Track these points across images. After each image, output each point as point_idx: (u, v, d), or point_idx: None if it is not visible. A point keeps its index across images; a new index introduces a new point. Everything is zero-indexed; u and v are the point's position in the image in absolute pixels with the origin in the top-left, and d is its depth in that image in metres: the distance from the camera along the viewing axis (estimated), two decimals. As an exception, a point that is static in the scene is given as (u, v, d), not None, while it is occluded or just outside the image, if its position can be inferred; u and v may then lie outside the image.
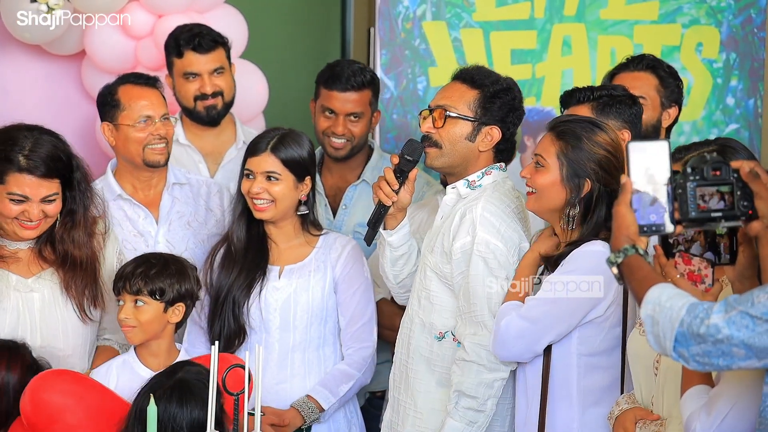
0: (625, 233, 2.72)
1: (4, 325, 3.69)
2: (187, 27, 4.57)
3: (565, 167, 3.39)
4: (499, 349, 3.45)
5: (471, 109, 3.63)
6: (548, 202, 3.43)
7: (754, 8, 5.12)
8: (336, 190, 4.55)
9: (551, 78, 5.10)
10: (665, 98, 4.12)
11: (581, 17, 5.10)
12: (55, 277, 3.75)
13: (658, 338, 2.57)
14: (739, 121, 5.14)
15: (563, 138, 3.41)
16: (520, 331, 3.40)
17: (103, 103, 4.15)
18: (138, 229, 4.17)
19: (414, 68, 5.11)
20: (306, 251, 4.02)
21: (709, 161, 2.71)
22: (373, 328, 4.05)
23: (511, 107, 3.66)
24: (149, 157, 4.09)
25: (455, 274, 3.57)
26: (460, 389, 3.51)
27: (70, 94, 5.10)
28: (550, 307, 3.39)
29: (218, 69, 4.50)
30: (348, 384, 3.98)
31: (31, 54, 5.01)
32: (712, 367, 2.52)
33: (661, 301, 2.56)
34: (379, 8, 5.10)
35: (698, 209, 2.69)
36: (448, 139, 3.63)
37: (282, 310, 3.96)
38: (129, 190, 4.18)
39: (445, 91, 3.69)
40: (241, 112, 5.03)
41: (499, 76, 3.70)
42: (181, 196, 4.24)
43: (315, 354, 4.01)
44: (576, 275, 3.36)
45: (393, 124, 5.14)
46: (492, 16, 5.10)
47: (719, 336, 2.48)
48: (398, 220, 3.72)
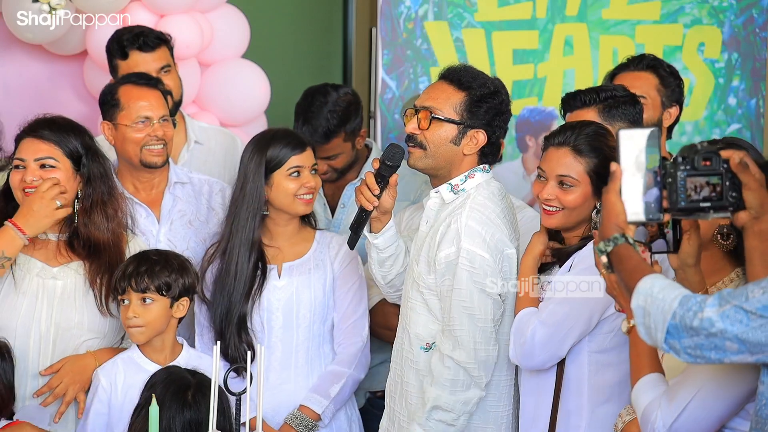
0: (615, 221, 2.72)
1: (20, 308, 3.73)
2: (128, 29, 4.54)
3: (594, 181, 3.38)
4: (527, 360, 3.41)
5: (457, 112, 3.56)
6: (578, 216, 3.42)
7: (756, 8, 5.12)
8: (334, 189, 4.55)
9: (553, 78, 5.10)
10: (666, 98, 4.11)
11: (583, 17, 5.10)
12: (81, 269, 3.78)
13: (649, 329, 2.57)
14: (741, 121, 5.14)
15: (587, 155, 3.40)
16: (545, 338, 3.36)
17: (104, 102, 4.16)
18: (139, 228, 4.16)
19: (416, 68, 5.11)
20: (304, 248, 4.02)
21: (699, 151, 2.71)
22: (364, 325, 4.04)
23: (498, 111, 3.58)
24: (146, 158, 4.09)
25: (438, 284, 3.53)
26: (437, 404, 3.49)
27: (72, 94, 5.10)
28: (569, 309, 3.36)
29: (164, 67, 4.46)
30: (339, 383, 3.97)
31: (32, 54, 5.01)
32: (704, 360, 2.52)
33: (653, 292, 2.56)
34: (381, 8, 5.10)
35: (687, 199, 2.69)
36: (433, 142, 3.57)
37: (285, 309, 3.96)
38: (130, 190, 4.18)
39: (432, 92, 3.62)
40: (244, 112, 5.04)
41: (487, 78, 3.62)
42: (182, 195, 4.23)
43: (316, 352, 4.01)
44: (589, 275, 3.32)
45: (395, 124, 5.14)
46: (494, 16, 5.10)
47: (712, 330, 2.48)
48: (383, 223, 3.68)
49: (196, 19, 4.89)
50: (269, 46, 5.45)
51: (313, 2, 5.62)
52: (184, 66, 4.78)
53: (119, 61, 4.47)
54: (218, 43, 5.00)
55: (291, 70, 5.48)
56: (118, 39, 4.48)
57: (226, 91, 4.99)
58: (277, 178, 3.89)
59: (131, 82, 4.15)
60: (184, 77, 4.61)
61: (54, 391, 3.71)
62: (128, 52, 4.45)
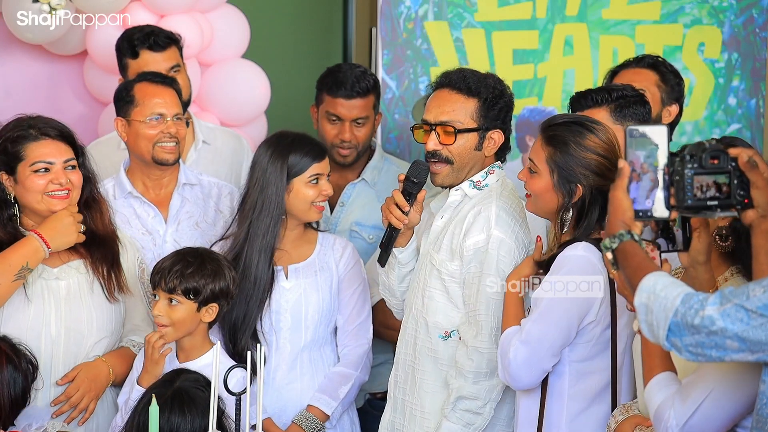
0: (621, 218, 2.72)
1: (29, 312, 3.69)
2: (138, 28, 4.55)
3: (555, 173, 3.35)
4: (514, 381, 3.39)
5: (474, 119, 3.60)
6: (544, 205, 3.42)
7: (756, 8, 5.12)
8: (335, 187, 4.54)
9: (553, 78, 5.10)
10: (666, 95, 4.11)
11: (583, 17, 5.10)
12: (82, 267, 3.76)
13: (651, 327, 2.58)
14: (741, 121, 5.13)
15: (551, 143, 3.37)
16: (527, 359, 3.34)
17: (119, 98, 4.17)
18: (146, 227, 4.17)
19: (416, 68, 5.11)
20: (308, 250, 4.02)
21: (708, 149, 2.70)
22: (369, 327, 4.06)
23: (508, 108, 3.65)
24: (158, 155, 4.10)
25: (464, 272, 3.56)
26: (461, 394, 3.51)
27: (72, 94, 5.10)
28: (545, 326, 3.34)
29: (174, 67, 4.47)
30: (347, 385, 3.98)
31: (33, 54, 5.01)
32: (705, 358, 2.53)
33: (656, 289, 2.57)
34: (381, 8, 5.10)
35: (695, 197, 2.69)
36: (459, 154, 3.61)
37: (293, 311, 3.96)
38: (140, 188, 4.19)
39: (443, 104, 3.63)
40: (244, 112, 5.04)
41: (488, 78, 3.66)
42: (191, 196, 4.24)
43: (319, 353, 4.02)
44: (564, 275, 3.32)
45: (395, 124, 5.14)
46: (494, 16, 5.10)
47: (713, 328, 2.49)
48: (408, 238, 3.70)
49: (196, 19, 4.89)
50: (269, 46, 5.44)
51: (313, 2, 5.62)
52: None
53: (129, 60, 4.48)
54: (218, 43, 5.00)
55: (291, 70, 5.48)
56: (129, 38, 4.49)
57: (226, 91, 4.99)
58: (297, 184, 3.90)
59: (147, 80, 4.17)
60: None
61: (70, 399, 3.70)
62: (139, 51, 4.46)
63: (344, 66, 4.55)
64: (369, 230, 4.47)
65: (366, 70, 4.55)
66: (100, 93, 4.97)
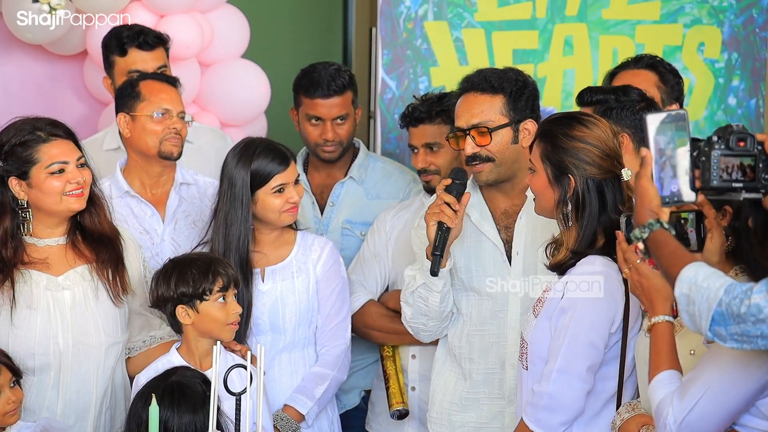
0: (648, 207, 2.73)
1: (35, 325, 3.66)
2: (127, 26, 4.55)
3: (549, 168, 3.35)
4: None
5: (504, 114, 3.70)
6: (545, 204, 3.40)
7: (756, 8, 5.11)
8: (323, 187, 4.56)
9: (553, 78, 5.10)
10: (665, 95, 4.11)
11: (583, 17, 5.10)
12: (87, 273, 3.72)
13: (693, 317, 2.58)
14: (741, 121, 5.13)
15: (542, 140, 3.37)
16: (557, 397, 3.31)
17: (123, 94, 4.16)
18: (144, 226, 4.17)
19: (416, 68, 5.11)
20: (286, 251, 4.02)
21: (735, 131, 2.71)
22: (347, 327, 4.07)
23: (534, 96, 3.76)
24: (165, 148, 4.10)
25: None
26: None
27: (72, 94, 5.10)
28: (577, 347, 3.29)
29: (161, 67, 4.47)
30: (324, 385, 3.99)
31: (32, 54, 5.01)
32: (750, 346, 2.54)
33: (697, 280, 2.58)
34: (381, 8, 5.09)
35: (720, 178, 2.69)
36: (498, 151, 3.70)
37: (270, 313, 3.97)
38: (137, 188, 4.19)
39: (472, 108, 3.71)
40: (244, 113, 5.04)
41: (508, 72, 3.75)
42: (188, 196, 4.25)
43: (300, 354, 4.03)
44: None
45: (395, 124, 5.14)
46: (494, 16, 5.10)
47: (761, 315, 2.50)
48: (448, 255, 3.70)
49: (196, 19, 4.89)
50: (269, 46, 5.45)
51: (313, 2, 5.63)
52: (184, 66, 4.78)
53: (117, 57, 4.48)
54: (218, 43, 5.00)
55: (291, 70, 5.45)
56: (117, 35, 4.48)
57: (226, 91, 4.99)
58: (262, 196, 3.90)
59: (152, 78, 4.20)
60: (184, 77, 4.60)
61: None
62: (127, 49, 4.45)
63: (318, 66, 4.52)
64: (360, 227, 4.47)
65: (340, 67, 4.52)
66: (100, 93, 4.96)
